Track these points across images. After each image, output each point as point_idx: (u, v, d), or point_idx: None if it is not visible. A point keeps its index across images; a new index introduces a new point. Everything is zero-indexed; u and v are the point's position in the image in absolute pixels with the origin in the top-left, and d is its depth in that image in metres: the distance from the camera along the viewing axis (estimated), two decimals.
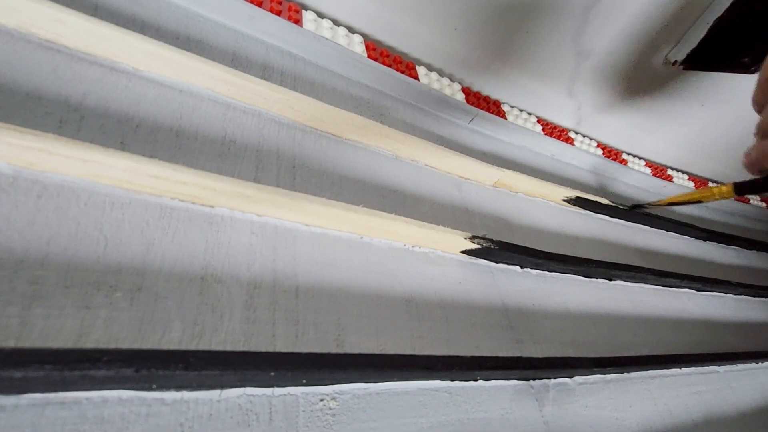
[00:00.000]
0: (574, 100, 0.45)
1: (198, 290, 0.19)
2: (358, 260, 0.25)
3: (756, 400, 0.40)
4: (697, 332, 0.42)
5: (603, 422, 0.28)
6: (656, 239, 0.49)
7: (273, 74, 0.29)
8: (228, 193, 0.21)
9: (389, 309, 0.24)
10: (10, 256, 0.16)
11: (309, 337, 0.21)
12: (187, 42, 0.26)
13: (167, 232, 0.19)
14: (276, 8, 0.30)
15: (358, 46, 0.33)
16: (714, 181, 0.63)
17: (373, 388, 0.21)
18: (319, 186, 0.26)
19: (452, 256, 0.29)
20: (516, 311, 0.30)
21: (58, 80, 0.20)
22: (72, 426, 0.14)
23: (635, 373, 0.33)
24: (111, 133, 0.20)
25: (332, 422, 0.19)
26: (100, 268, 0.17)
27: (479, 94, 0.41)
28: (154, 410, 0.16)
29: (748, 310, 0.51)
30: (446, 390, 0.23)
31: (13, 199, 0.17)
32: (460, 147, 0.37)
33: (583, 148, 0.47)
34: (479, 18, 0.35)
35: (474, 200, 0.34)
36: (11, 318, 0.15)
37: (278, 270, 0.22)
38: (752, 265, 0.60)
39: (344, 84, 0.33)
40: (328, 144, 0.29)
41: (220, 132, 0.24)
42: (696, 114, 0.50)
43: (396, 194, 0.30)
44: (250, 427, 0.17)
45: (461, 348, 0.25)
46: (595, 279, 0.37)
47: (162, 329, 0.17)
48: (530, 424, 0.25)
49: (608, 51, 0.40)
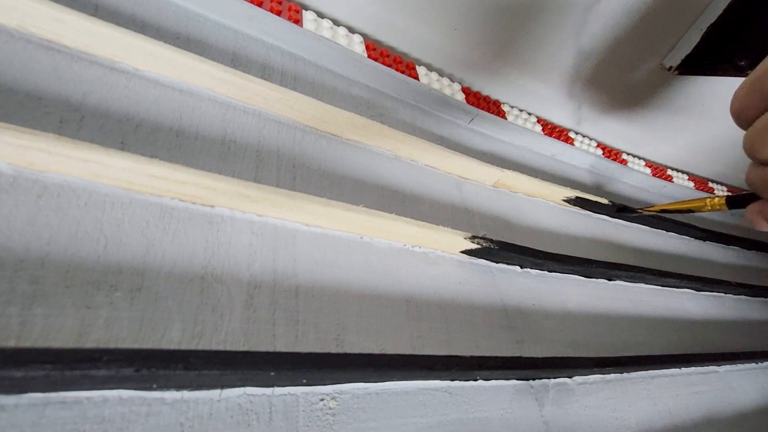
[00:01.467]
0: (574, 100, 0.45)
1: (198, 290, 0.19)
2: (358, 260, 0.25)
3: (756, 400, 0.40)
4: (697, 332, 0.42)
5: (603, 422, 0.28)
6: (656, 239, 0.49)
7: (273, 74, 0.29)
8: (228, 193, 0.21)
9: (389, 309, 0.24)
10: (10, 256, 0.16)
11: (309, 337, 0.21)
12: (187, 42, 0.26)
13: (167, 232, 0.19)
14: (276, 8, 0.30)
15: (358, 46, 0.33)
16: (714, 182, 0.63)
17: (373, 387, 0.21)
18: (319, 186, 0.26)
19: (452, 256, 0.29)
20: (516, 311, 0.30)
21: (58, 80, 0.20)
22: (72, 425, 0.15)
23: (635, 373, 0.33)
24: (111, 133, 0.20)
25: (332, 422, 0.19)
26: (101, 268, 0.17)
27: (479, 94, 0.41)
28: (154, 410, 0.16)
29: (747, 310, 0.51)
30: (446, 390, 0.23)
31: (13, 199, 0.17)
32: (460, 147, 0.37)
33: (583, 148, 0.47)
34: (479, 18, 0.35)
35: (474, 200, 0.34)
36: (11, 318, 0.15)
37: (278, 270, 0.22)
38: (752, 265, 0.60)
39: (344, 84, 0.33)
40: (328, 144, 0.29)
41: (220, 132, 0.24)
42: (696, 114, 0.50)
43: (396, 194, 0.30)
44: (250, 427, 0.17)
45: (461, 348, 0.25)
46: (595, 279, 0.37)
47: (162, 329, 0.17)
48: (530, 423, 0.25)
49: (608, 51, 0.40)
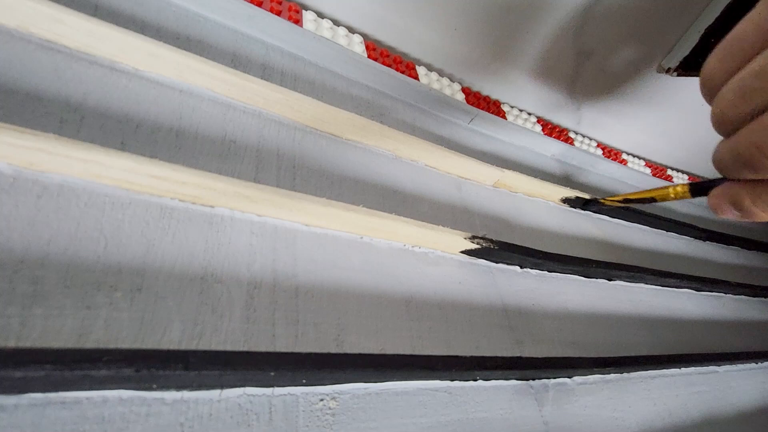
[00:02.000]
0: (574, 100, 0.45)
1: (198, 290, 0.19)
2: (358, 260, 0.25)
3: (756, 400, 0.40)
4: (697, 332, 0.42)
5: (602, 422, 0.28)
6: (656, 239, 0.49)
7: (273, 74, 0.29)
8: (228, 193, 0.21)
9: (389, 309, 0.24)
10: (10, 256, 0.16)
11: (309, 337, 0.21)
12: (187, 42, 0.26)
13: (167, 232, 0.19)
14: (276, 8, 0.30)
15: (358, 46, 0.33)
16: None
17: (373, 388, 0.21)
18: (319, 186, 0.26)
19: (452, 256, 0.29)
20: (516, 311, 0.30)
21: (58, 80, 0.20)
22: (72, 426, 0.15)
23: (635, 373, 0.33)
24: (111, 133, 0.20)
25: (332, 422, 0.19)
26: (100, 268, 0.17)
27: (479, 94, 0.41)
28: (154, 410, 0.16)
29: (747, 310, 0.51)
30: (446, 390, 0.23)
31: (13, 199, 0.17)
32: (460, 147, 0.37)
33: (583, 148, 0.47)
34: (479, 18, 0.35)
35: (474, 200, 0.34)
36: (11, 318, 0.15)
37: (278, 270, 0.22)
38: (752, 265, 0.60)
39: (344, 84, 0.33)
40: (328, 144, 0.29)
41: (220, 132, 0.24)
42: (696, 114, 0.50)
43: (396, 194, 0.30)
44: (250, 427, 0.17)
45: (461, 348, 0.25)
46: (595, 279, 0.37)
47: (162, 329, 0.17)
48: (530, 424, 0.25)
49: (609, 51, 0.40)
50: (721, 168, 0.20)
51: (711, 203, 0.21)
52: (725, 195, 0.20)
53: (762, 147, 0.17)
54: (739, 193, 0.20)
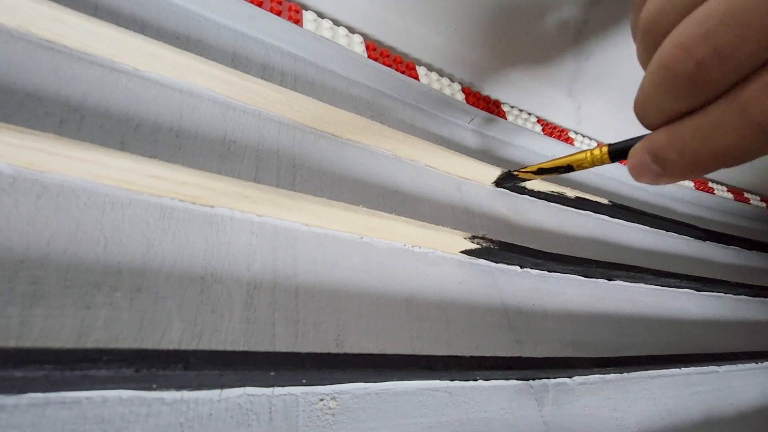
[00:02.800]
0: (574, 100, 0.45)
1: (198, 290, 0.19)
2: (358, 260, 0.25)
3: (756, 400, 0.40)
4: (697, 332, 0.42)
5: (602, 422, 0.28)
6: (656, 239, 0.49)
7: (273, 74, 0.29)
8: (228, 193, 0.21)
9: (389, 309, 0.24)
10: (10, 256, 0.16)
11: (309, 337, 0.21)
12: (187, 42, 0.26)
13: (167, 232, 0.19)
14: (276, 8, 0.30)
15: (358, 46, 0.33)
16: (714, 182, 0.63)
17: (373, 388, 0.21)
18: (319, 186, 0.26)
19: (452, 256, 0.29)
20: (516, 311, 0.30)
21: (58, 80, 0.20)
22: (72, 425, 0.15)
23: (635, 373, 0.33)
24: (111, 133, 0.20)
25: (332, 422, 0.19)
26: (100, 268, 0.17)
27: (479, 94, 0.41)
28: (154, 410, 0.16)
29: (747, 310, 0.51)
30: (446, 390, 0.23)
31: (13, 199, 0.17)
32: (460, 147, 0.37)
33: (583, 148, 0.47)
34: (479, 18, 0.35)
35: (474, 200, 0.34)
36: (11, 318, 0.15)
37: (278, 270, 0.22)
38: (752, 265, 0.60)
39: (344, 84, 0.33)
40: (328, 144, 0.29)
41: (220, 132, 0.24)
42: None
43: (396, 194, 0.30)
44: (250, 427, 0.17)
45: (461, 348, 0.25)
46: (595, 279, 0.37)
47: (162, 329, 0.17)
48: (530, 424, 0.25)
49: (608, 51, 0.40)
50: (649, 95, 0.15)
51: (630, 163, 0.18)
52: (645, 148, 0.16)
53: (720, 48, 0.12)
54: (661, 142, 0.15)
